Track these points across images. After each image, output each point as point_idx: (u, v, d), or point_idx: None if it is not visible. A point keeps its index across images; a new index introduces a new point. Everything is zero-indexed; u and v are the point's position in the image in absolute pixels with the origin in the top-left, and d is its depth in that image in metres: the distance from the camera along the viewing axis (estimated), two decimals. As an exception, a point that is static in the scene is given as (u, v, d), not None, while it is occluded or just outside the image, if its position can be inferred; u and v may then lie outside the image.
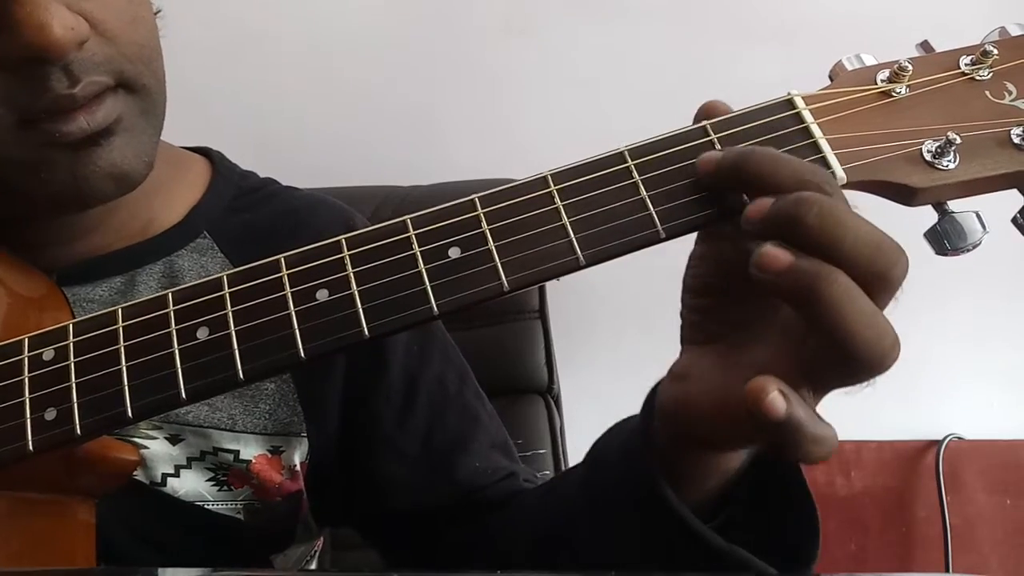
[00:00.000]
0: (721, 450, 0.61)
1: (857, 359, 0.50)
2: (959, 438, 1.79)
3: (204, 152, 0.98)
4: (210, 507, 0.84)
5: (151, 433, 0.81)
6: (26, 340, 0.60)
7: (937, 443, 1.79)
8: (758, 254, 0.50)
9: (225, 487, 0.84)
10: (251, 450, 0.84)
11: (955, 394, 1.82)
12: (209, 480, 0.84)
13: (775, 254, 0.49)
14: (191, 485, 0.83)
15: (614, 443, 0.70)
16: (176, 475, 0.83)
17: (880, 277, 0.50)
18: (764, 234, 0.51)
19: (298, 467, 0.87)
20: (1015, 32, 0.61)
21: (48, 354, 0.59)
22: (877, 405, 1.80)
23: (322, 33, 1.82)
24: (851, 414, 1.85)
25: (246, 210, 0.92)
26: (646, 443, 0.63)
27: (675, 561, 0.63)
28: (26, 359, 0.59)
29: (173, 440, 0.82)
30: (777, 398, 0.49)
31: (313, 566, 1.02)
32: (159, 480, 0.82)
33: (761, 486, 0.65)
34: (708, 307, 0.60)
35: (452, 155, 1.73)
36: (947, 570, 1.75)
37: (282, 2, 1.84)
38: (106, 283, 0.84)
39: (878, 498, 1.79)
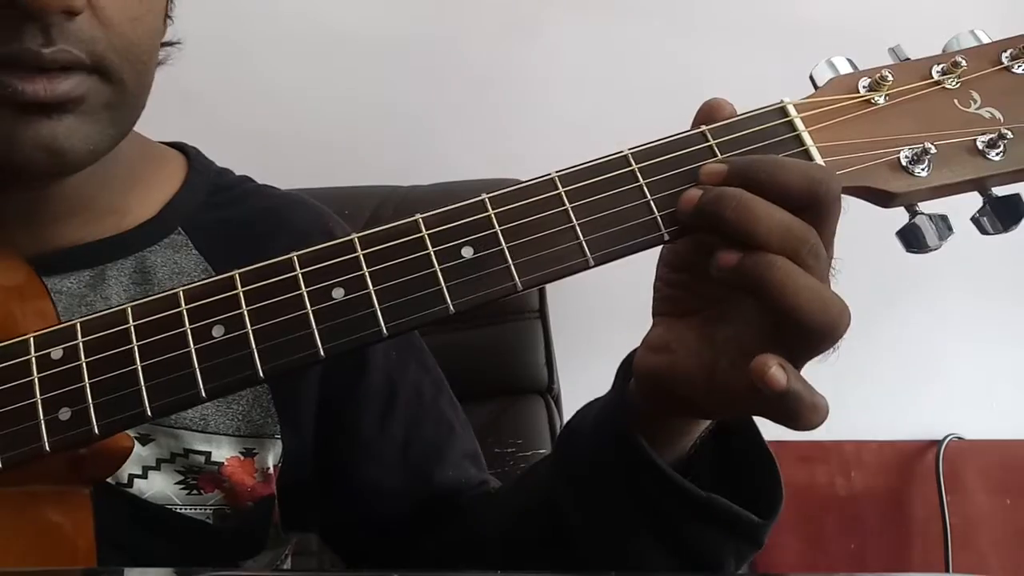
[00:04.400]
0: (710, 418, 0.65)
1: (811, 330, 0.55)
2: (959, 438, 1.80)
3: (180, 147, 0.97)
4: (178, 510, 0.83)
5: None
6: (32, 339, 0.59)
7: (937, 443, 1.79)
8: (715, 257, 0.56)
9: (195, 491, 0.83)
10: (223, 452, 0.83)
11: (955, 394, 1.82)
12: (178, 483, 0.83)
13: (726, 256, 0.56)
14: (159, 487, 0.82)
15: (585, 419, 0.72)
16: (143, 476, 0.82)
17: (797, 251, 0.55)
18: (694, 224, 0.58)
19: (271, 470, 0.86)
20: (972, 41, 0.66)
21: (56, 353, 0.58)
22: (877, 405, 1.81)
23: (322, 33, 1.82)
24: (851, 414, 1.86)
25: (222, 207, 0.92)
26: (622, 408, 0.66)
27: (655, 516, 0.65)
28: (34, 359, 0.59)
29: (143, 440, 0.81)
30: (779, 371, 0.54)
31: (287, 566, 1.01)
32: (125, 481, 0.81)
33: (721, 444, 0.69)
34: (684, 282, 0.63)
35: (452, 155, 1.73)
36: (947, 570, 1.75)
37: (282, 2, 1.84)
38: (75, 276, 0.83)
39: (878, 498, 1.79)
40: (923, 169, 0.61)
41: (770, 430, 1.80)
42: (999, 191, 0.63)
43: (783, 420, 0.56)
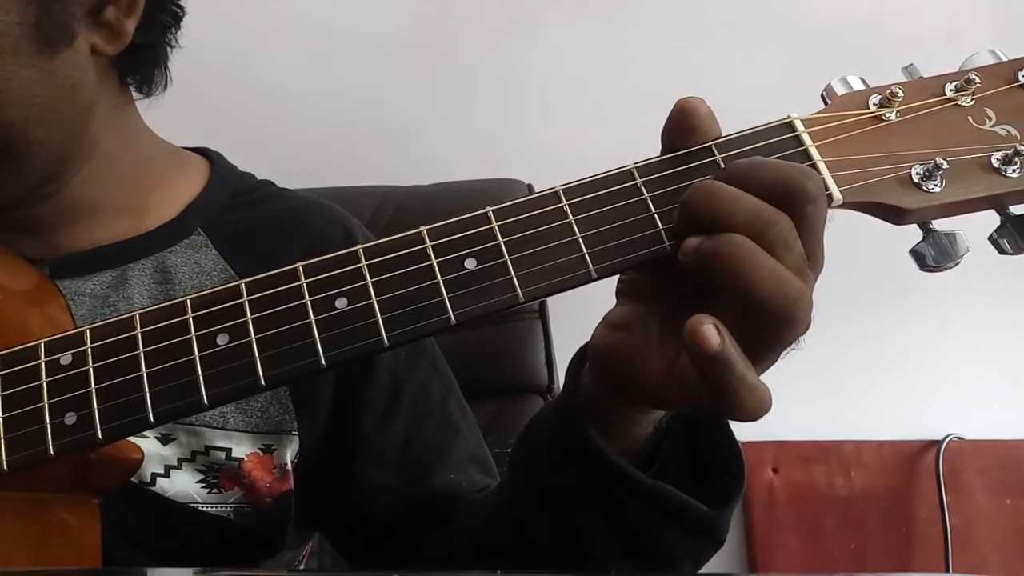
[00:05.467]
0: (661, 408, 0.63)
1: (766, 310, 0.53)
2: (959, 438, 1.79)
3: (203, 152, 0.98)
4: (200, 508, 0.84)
5: (143, 432, 0.80)
6: (42, 344, 0.60)
7: (937, 443, 1.79)
8: (681, 246, 0.55)
9: (216, 489, 0.85)
10: (243, 448, 0.85)
11: (955, 394, 1.82)
12: (199, 482, 0.84)
13: (690, 240, 0.55)
14: (181, 486, 0.83)
15: (543, 414, 0.71)
16: (166, 475, 0.83)
17: (763, 235, 0.53)
18: (681, 225, 0.57)
19: (289, 466, 0.87)
20: (991, 60, 0.64)
21: (65, 359, 0.59)
22: (877, 405, 1.82)
23: (322, 33, 1.82)
24: (851, 414, 1.86)
25: (243, 209, 0.93)
26: (573, 399, 0.65)
27: (604, 506, 0.65)
28: (43, 364, 0.59)
29: (164, 440, 0.83)
30: (711, 330, 0.52)
31: (302, 567, 1.02)
32: (148, 480, 0.82)
33: (688, 434, 0.68)
34: (652, 269, 0.61)
35: (452, 155, 1.73)
36: (947, 570, 1.75)
37: (282, 3, 1.84)
38: (97, 277, 0.85)
39: (878, 498, 1.79)
40: (935, 185, 0.59)
41: (769, 430, 1.80)
42: (1016, 210, 0.61)
43: (720, 402, 0.54)
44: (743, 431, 0.65)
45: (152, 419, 0.57)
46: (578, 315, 0.67)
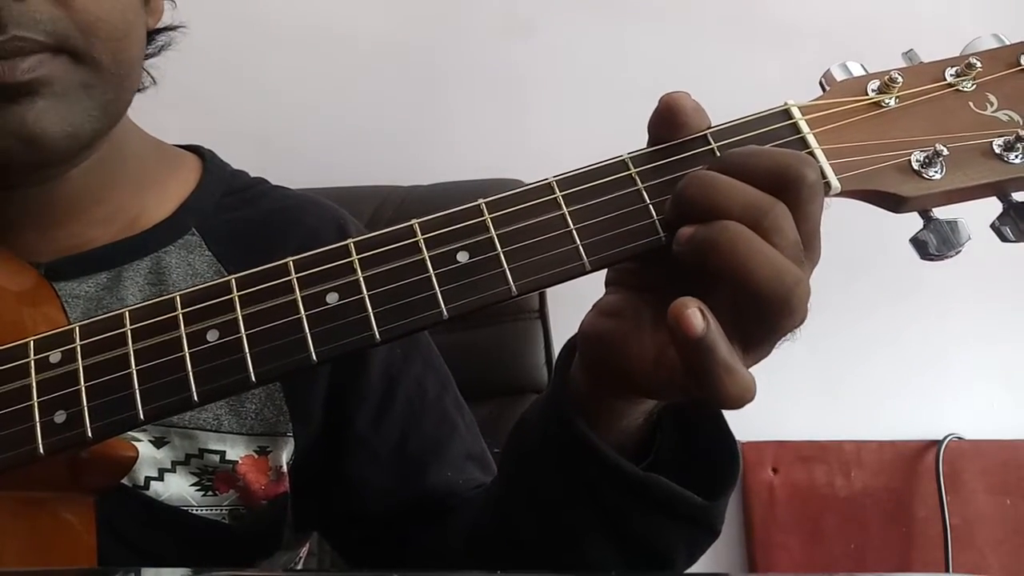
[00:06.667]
0: (649, 397, 0.63)
1: (763, 297, 0.52)
2: (959, 438, 1.79)
3: (195, 150, 0.97)
4: (194, 512, 0.84)
5: (136, 435, 0.80)
6: (31, 342, 0.60)
7: (937, 443, 1.78)
8: (675, 235, 0.55)
9: (210, 492, 0.84)
10: (237, 451, 0.84)
11: (955, 394, 1.82)
12: (193, 485, 0.83)
13: (684, 229, 0.54)
14: (175, 489, 0.83)
15: (536, 404, 0.71)
16: (159, 479, 0.82)
17: (758, 222, 0.53)
18: (674, 217, 0.56)
19: (284, 468, 0.86)
20: (994, 44, 0.63)
21: (55, 356, 0.59)
22: (877, 405, 1.81)
23: (323, 33, 1.82)
24: (851, 414, 1.85)
25: (236, 208, 0.92)
26: (562, 391, 0.65)
27: (596, 500, 0.64)
28: (32, 362, 0.59)
29: (158, 443, 0.82)
30: (696, 314, 0.52)
31: (299, 567, 1.02)
32: (141, 483, 0.82)
33: (681, 425, 0.67)
34: (645, 257, 0.60)
35: (452, 155, 1.73)
36: (947, 570, 1.74)
37: (282, 3, 1.84)
38: (92, 279, 0.84)
39: (878, 498, 1.79)
40: (936, 172, 0.59)
41: (769, 430, 1.80)
42: (1018, 196, 0.61)
43: (702, 388, 0.53)
44: (743, 431, 0.65)
45: (142, 417, 0.56)
46: (578, 315, 0.67)
